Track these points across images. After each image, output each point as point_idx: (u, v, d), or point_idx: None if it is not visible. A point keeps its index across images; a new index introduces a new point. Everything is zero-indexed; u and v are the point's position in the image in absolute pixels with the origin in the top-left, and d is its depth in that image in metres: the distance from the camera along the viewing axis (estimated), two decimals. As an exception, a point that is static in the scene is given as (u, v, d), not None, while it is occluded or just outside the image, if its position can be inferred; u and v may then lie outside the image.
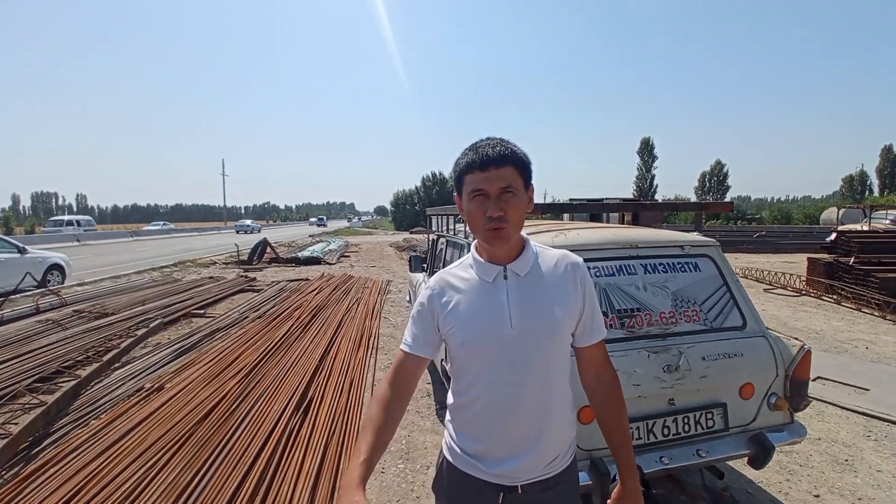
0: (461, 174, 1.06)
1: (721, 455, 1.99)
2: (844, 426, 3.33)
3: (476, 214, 1.03)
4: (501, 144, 1.04)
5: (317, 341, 5.03)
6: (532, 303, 1.07)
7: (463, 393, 1.12)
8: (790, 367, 2.14)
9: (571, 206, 3.21)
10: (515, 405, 1.06)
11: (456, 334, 1.08)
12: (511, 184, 1.01)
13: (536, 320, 1.06)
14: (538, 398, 1.07)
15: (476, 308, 1.08)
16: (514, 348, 1.05)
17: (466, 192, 1.04)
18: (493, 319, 1.06)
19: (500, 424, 1.07)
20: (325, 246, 19.86)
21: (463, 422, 1.13)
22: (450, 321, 1.08)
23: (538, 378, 1.07)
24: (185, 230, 44.19)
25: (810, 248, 14.03)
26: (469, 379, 1.10)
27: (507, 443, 1.08)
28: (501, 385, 1.06)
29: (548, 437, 1.09)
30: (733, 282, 2.34)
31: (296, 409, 3.36)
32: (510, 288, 1.08)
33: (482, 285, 1.09)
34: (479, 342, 1.06)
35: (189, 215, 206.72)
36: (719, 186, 54.98)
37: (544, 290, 1.08)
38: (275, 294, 8.15)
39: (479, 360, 1.08)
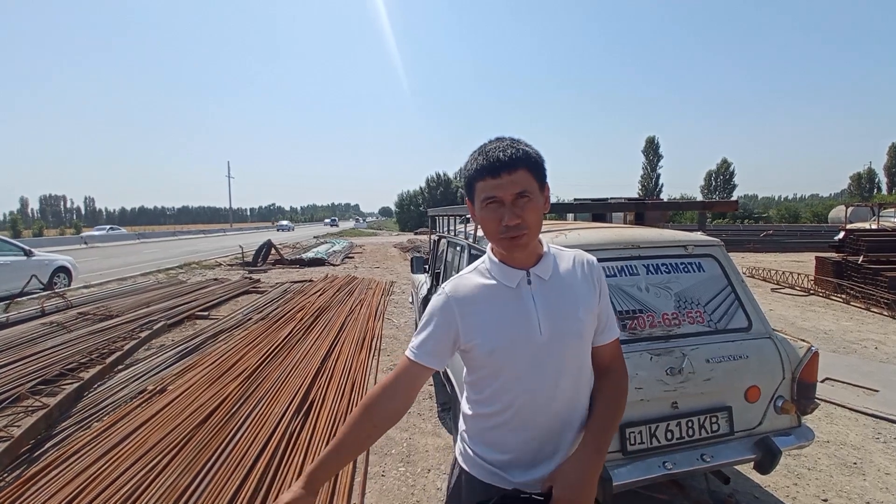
0: (471, 181, 1.01)
1: (726, 460, 1.95)
2: (853, 428, 3.26)
3: (491, 223, 0.98)
4: (512, 146, 0.98)
5: (319, 343, 5.01)
6: (558, 307, 1.04)
7: (488, 403, 1.07)
8: (797, 370, 2.10)
9: (572, 205, 3.16)
10: (547, 412, 1.04)
11: (483, 343, 1.03)
12: (526, 188, 0.96)
13: (564, 324, 1.03)
14: (568, 402, 1.06)
15: (504, 315, 1.03)
16: (545, 355, 1.02)
17: (479, 200, 0.99)
18: (523, 326, 1.02)
19: (530, 432, 1.05)
20: (330, 247, 19.88)
21: (486, 432, 1.09)
22: (475, 330, 1.03)
23: (569, 382, 1.05)
24: (192, 232, 44.52)
25: (818, 247, 13.87)
26: (496, 388, 1.05)
27: (536, 450, 1.05)
28: (533, 393, 1.03)
29: (576, 440, 1.07)
30: (738, 282, 2.29)
31: (296, 411, 3.34)
32: (536, 293, 1.04)
33: (506, 291, 1.04)
34: (510, 351, 1.02)
35: (195, 217, 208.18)
36: (725, 185, 54.56)
37: (567, 292, 1.06)
38: (278, 296, 8.16)
39: (509, 369, 1.03)
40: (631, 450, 1.88)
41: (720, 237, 2.28)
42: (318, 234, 37.68)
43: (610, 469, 1.82)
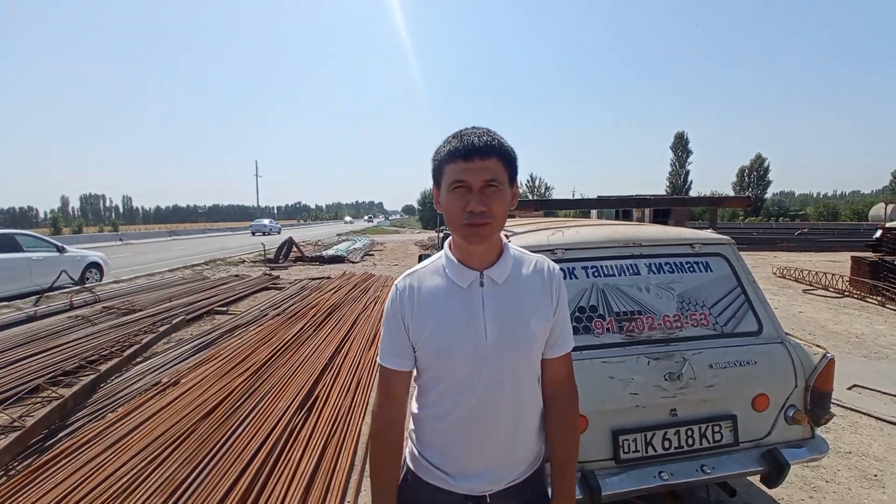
0: (441, 164, 0.97)
1: (728, 472, 1.83)
2: (878, 438, 3.05)
3: (455, 208, 0.94)
4: (488, 134, 0.96)
5: (329, 339, 5.04)
6: (508, 314, 1.00)
7: (431, 405, 1.05)
8: (811, 378, 1.95)
9: (567, 202, 3.06)
10: (488, 420, 1.01)
11: (427, 344, 1.00)
12: (496, 177, 0.93)
13: (512, 332, 1.00)
14: (511, 411, 1.03)
15: (448, 316, 1.00)
16: (488, 361, 0.99)
17: (446, 184, 0.95)
18: (467, 330, 0.99)
19: (472, 439, 1.02)
20: (350, 245, 20.10)
21: (431, 434, 1.07)
22: (420, 329, 1.00)
23: (512, 391, 1.02)
24: (221, 230, 45.89)
25: (856, 247, 13.15)
26: (439, 391, 1.03)
27: (478, 457, 1.03)
28: (474, 399, 1.00)
29: (520, 449, 1.06)
30: (749, 283, 2.16)
31: (300, 407, 3.36)
32: (486, 296, 1.00)
33: (456, 291, 1.01)
34: (453, 354, 0.99)
35: (226, 215, 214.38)
36: (759, 182, 52.31)
37: (521, 299, 1.02)
38: (295, 292, 8.27)
39: (451, 372, 1.01)
40: (624, 458, 1.79)
41: (751, 236, 2.14)
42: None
43: (600, 478, 1.73)
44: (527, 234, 2.30)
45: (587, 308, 1.95)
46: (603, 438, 1.78)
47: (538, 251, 2.02)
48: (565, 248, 2.07)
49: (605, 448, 1.79)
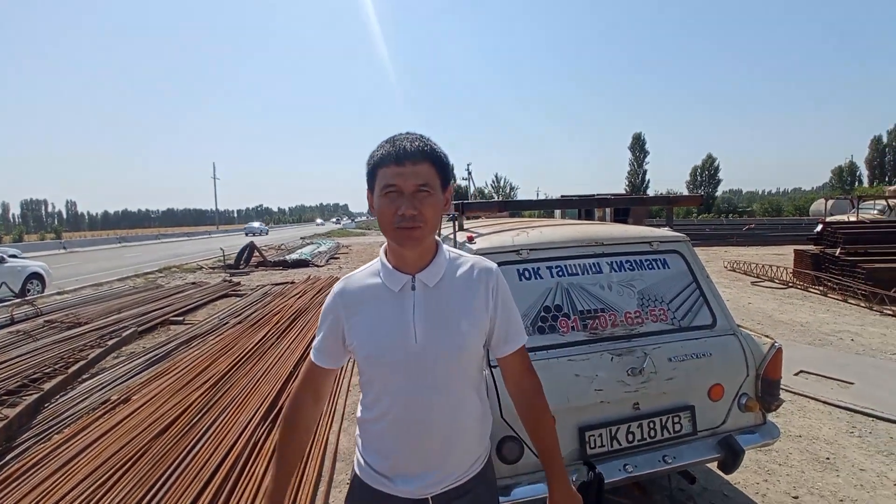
0: (374, 168, 0.98)
1: (688, 461, 1.89)
2: (827, 422, 3.25)
3: (387, 212, 0.96)
4: (420, 140, 0.98)
5: (293, 347, 4.90)
6: (438, 316, 1.02)
7: (370, 407, 1.08)
8: (761, 367, 2.06)
9: (531, 203, 3.10)
10: (422, 422, 1.03)
11: (360, 348, 1.03)
12: (428, 182, 0.96)
13: (442, 335, 1.01)
14: (446, 414, 1.04)
15: (380, 320, 1.02)
16: (419, 364, 1.01)
17: (379, 188, 0.97)
18: (397, 333, 1.01)
19: (408, 442, 1.04)
20: (315, 248, 19.69)
21: (371, 437, 1.09)
22: (354, 332, 1.03)
23: (445, 393, 1.04)
24: (176, 235, 43.81)
25: (799, 240, 14.06)
26: (375, 394, 1.06)
27: (415, 459, 1.05)
28: (407, 402, 1.02)
29: (457, 451, 1.08)
30: (703, 278, 2.25)
31: (263, 418, 3.24)
32: (417, 300, 1.02)
33: (388, 294, 1.03)
34: (383, 357, 1.01)
35: (181, 220, 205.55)
36: (710, 180, 55.13)
37: (453, 302, 1.04)
38: (257, 298, 8.01)
39: (384, 376, 1.03)
40: (591, 453, 1.82)
41: (703, 232, 2.24)
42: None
43: (568, 474, 1.75)
44: (491, 235, 2.30)
45: (552, 307, 1.98)
46: (570, 435, 1.81)
47: (503, 252, 2.06)
48: (530, 248, 2.09)
49: (572, 445, 1.81)
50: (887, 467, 2.67)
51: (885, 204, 14.31)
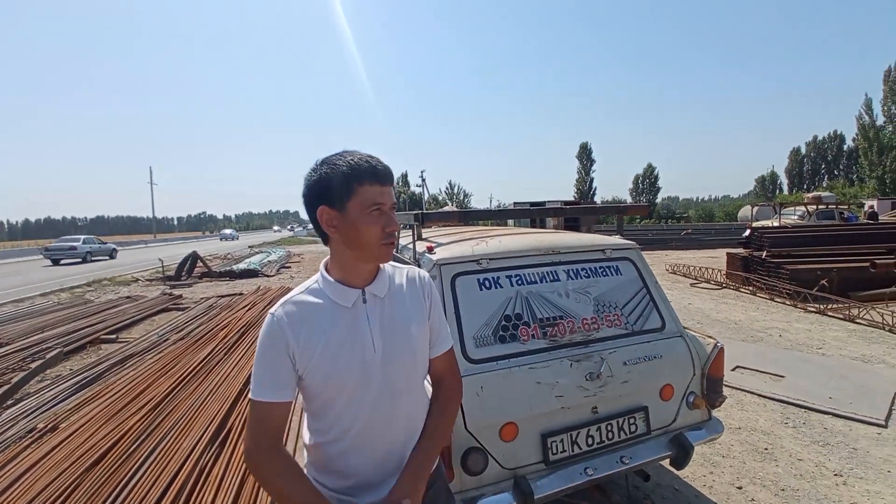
0: (351, 183, 0.97)
1: (644, 460, 1.97)
2: (763, 414, 3.50)
3: (375, 229, 0.99)
4: (383, 162, 1.03)
5: (243, 363, 4.65)
6: (391, 324, 1.06)
7: (326, 431, 1.05)
8: (706, 365, 2.18)
9: (490, 213, 3.15)
10: (387, 430, 1.05)
11: (317, 369, 1.00)
12: (394, 201, 1.04)
13: (398, 342, 1.06)
14: (405, 417, 1.08)
15: (337, 336, 1.01)
16: (381, 374, 1.03)
17: (362, 205, 0.97)
18: (357, 347, 1.02)
19: (373, 453, 1.05)
20: (265, 257, 18.92)
21: (331, 460, 1.06)
22: (309, 356, 0.99)
23: (406, 398, 1.07)
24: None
25: (730, 244, 15.18)
26: (335, 414, 1.03)
27: (380, 469, 1.06)
28: (372, 413, 1.03)
29: None
30: (653, 283, 2.36)
31: (210, 442, 3.04)
32: (370, 311, 1.05)
33: (340, 311, 1.03)
34: (346, 373, 1.01)
35: (112, 228, 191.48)
36: (651, 188, 58.57)
37: (401, 308, 1.09)
38: (202, 312, 7.56)
39: (346, 392, 1.02)
40: (553, 459, 1.85)
41: (646, 237, 2.37)
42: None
43: (532, 482, 1.77)
44: (451, 244, 2.30)
45: (513, 316, 2.00)
46: (533, 443, 1.83)
47: (464, 262, 2.06)
48: (490, 258, 2.11)
49: (535, 452, 1.83)
50: (824, 457, 2.89)
51: (804, 210, 15.76)
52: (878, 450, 2.93)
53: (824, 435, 3.14)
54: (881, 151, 35.56)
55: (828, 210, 15.80)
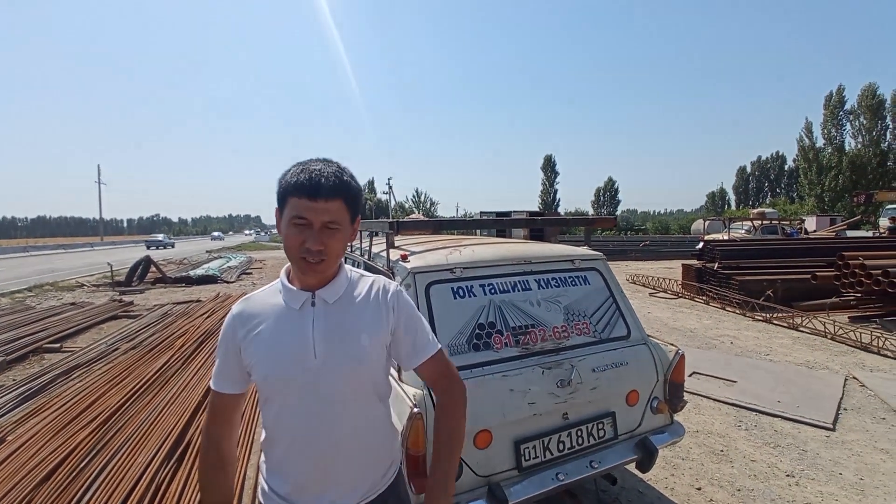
0: (286, 194, 0.98)
1: (612, 464, 2.03)
2: (717, 417, 3.68)
3: (294, 242, 0.97)
4: (336, 175, 0.97)
5: (202, 373, 4.46)
6: (338, 331, 1.03)
7: (270, 429, 1.06)
8: (668, 372, 2.28)
9: (464, 222, 3.20)
10: (325, 438, 1.02)
11: (258, 367, 1.01)
12: (336, 219, 0.97)
13: (341, 349, 1.02)
14: (349, 428, 1.05)
15: (279, 337, 1.01)
16: (319, 379, 1.01)
17: (288, 216, 0.97)
18: (297, 349, 1.00)
19: (311, 461, 1.03)
20: (224, 263, 18.23)
21: (273, 459, 1.07)
22: (251, 352, 1.02)
23: (347, 407, 1.04)
24: (49, 247, 37.95)
25: (685, 255, 15.93)
26: (274, 414, 1.03)
27: (320, 477, 1.03)
28: (308, 418, 1.01)
29: (364, 466, 1.08)
30: (619, 293, 2.45)
31: (168, 457, 2.89)
32: (317, 315, 1.03)
33: (288, 313, 1.03)
34: (282, 374, 1.01)
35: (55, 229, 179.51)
36: (611, 200, 60.84)
37: (352, 317, 1.06)
38: (155, 320, 7.19)
39: (283, 394, 1.02)
40: (526, 465, 1.88)
41: (607, 248, 2.46)
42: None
43: (505, 488, 1.79)
44: (425, 253, 2.32)
45: (486, 325, 2.03)
46: (507, 449, 1.86)
47: (438, 270, 2.07)
48: (463, 266, 2.13)
49: (508, 459, 1.86)
50: (776, 458, 3.06)
51: (751, 224, 16.76)
52: (828, 452, 3.13)
53: (775, 437, 3.34)
54: (820, 171, 38.44)
55: (771, 225, 16.89)
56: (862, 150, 37.22)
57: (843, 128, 38.55)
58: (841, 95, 38.50)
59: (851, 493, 2.66)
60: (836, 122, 38.61)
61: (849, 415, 3.68)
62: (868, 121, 37.13)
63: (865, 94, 37.35)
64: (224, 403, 1.06)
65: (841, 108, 38.58)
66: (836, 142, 38.46)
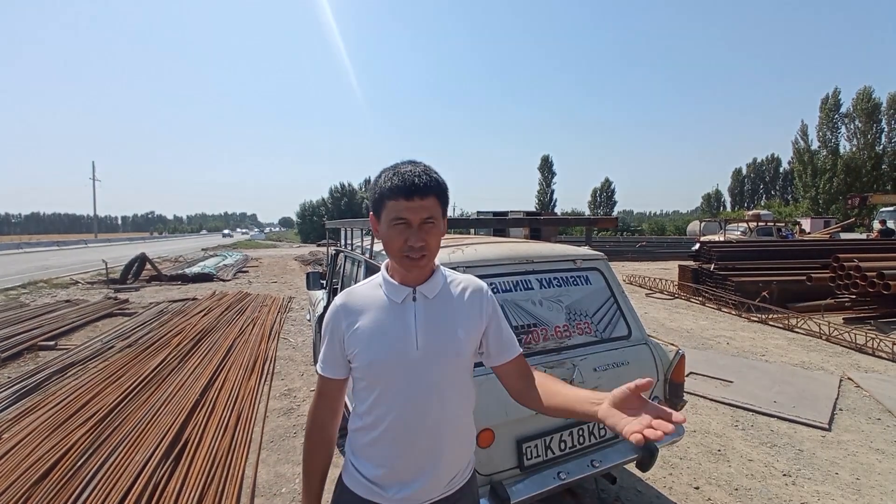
0: (382, 198, 1.03)
1: (613, 463, 2.03)
2: (715, 417, 3.70)
3: (396, 242, 1.03)
4: (426, 173, 1.03)
5: (199, 372, 4.44)
6: (437, 324, 1.09)
7: (365, 415, 1.11)
8: (669, 371, 2.29)
9: (469, 220, 3.20)
10: (419, 426, 1.07)
11: (361, 354, 1.07)
12: (433, 214, 1.03)
13: (441, 341, 1.09)
14: (441, 418, 1.09)
15: (383, 328, 1.07)
16: (419, 369, 1.07)
17: (387, 218, 1.03)
18: (400, 340, 1.06)
19: (404, 447, 1.08)
20: (220, 261, 18.15)
21: (364, 446, 1.11)
22: (355, 341, 1.08)
23: (441, 398, 1.09)
24: (43, 244, 37.62)
25: (681, 256, 15.99)
26: (372, 401, 1.08)
27: (409, 465, 1.08)
28: (406, 406, 1.07)
29: (449, 457, 1.12)
30: (619, 293, 2.46)
31: (165, 456, 2.88)
32: (418, 309, 1.09)
33: (390, 305, 1.09)
34: (385, 363, 1.06)
35: (49, 226, 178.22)
36: (608, 201, 60.99)
37: (450, 312, 1.12)
38: (152, 317, 7.15)
39: (384, 382, 1.07)
40: (528, 464, 1.88)
41: (604, 248, 2.47)
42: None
43: (507, 486, 1.79)
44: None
45: (489, 323, 2.02)
46: (509, 448, 1.86)
47: (441, 269, 2.07)
48: (466, 265, 2.13)
49: (510, 457, 1.86)
50: (773, 458, 3.08)
51: (746, 226, 16.85)
52: (824, 452, 3.15)
53: (771, 437, 3.36)
54: (815, 174, 38.68)
55: (767, 227, 16.98)
56: (857, 153, 37.49)
57: (839, 131, 38.84)
58: (836, 98, 38.76)
59: (848, 493, 2.67)
60: (831, 124, 38.87)
61: (844, 415, 3.71)
62: (863, 124, 37.40)
63: (861, 98, 37.64)
64: (330, 387, 1.13)
65: (836, 110, 38.86)
66: (831, 144, 38.73)
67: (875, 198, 21.83)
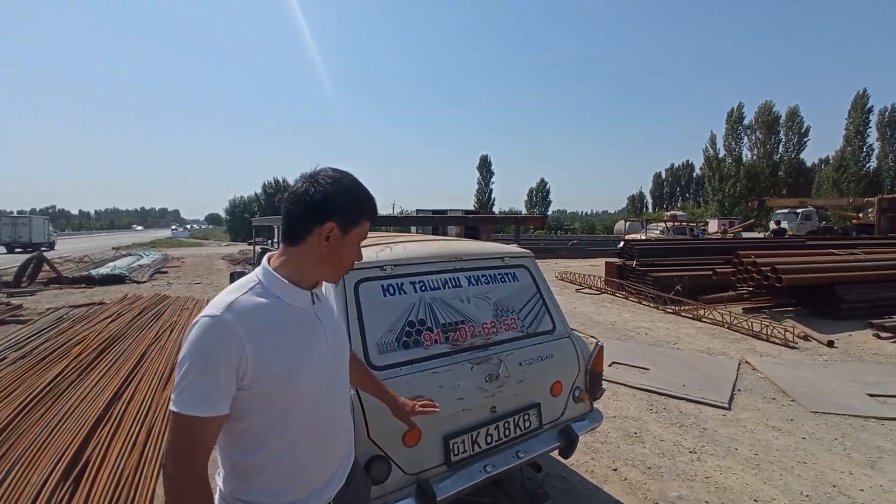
0: (361, 217, 1.04)
1: (537, 452, 2.11)
2: (633, 402, 3.97)
3: (352, 258, 1.08)
4: None
5: (104, 384, 4.03)
6: (333, 323, 1.14)
7: (278, 438, 0.99)
8: (589, 362, 2.42)
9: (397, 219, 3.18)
10: (335, 426, 1.12)
11: (279, 371, 0.96)
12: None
13: (340, 338, 1.16)
14: (346, 414, 1.18)
15: (300, 338, 1.03)
16: (332, 369, 1.10)
17: (358, 237, 1.06)
18: (315, 345, 1.06)
19: (323, 451, 1.08)
20: (134, 261, 16.63)
21: (271, 472, 1.00)
22: (270, 358, 0.95)
23: (344, 395, 1.16)
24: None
25: (608, 254, 17.01)
26: (288, 420, 0.99)
27: (326, 467, 1.09)
28: (325, 409, 1.08)
29: (349, 447, 1.21)
30: (545, 289, 2.55)
31: (63, 477, 2.58)
32: (319, 313, 1.10)
33: (294, 312, 1.04)
34: (304, 373, 1.01)
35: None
36: (543, 201, 63.55)
37: (333, 310, 1.18)
38: (49, 325, 6.39)
39: (306, 392, 1.02)
40: (455, 460, 1.89)
41: (538, 246, 2.57)
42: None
43: (434, 484, 1.80)
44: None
45: (416, 322, 2.01)
46: (436, 446, 1.86)
47: (368, 268, 2.03)
48: (394, 264, 2.11)
49: (437, 455, 1.86)
50: (681, 437, 3.36)
51: (664, 225, 18.28)
52: (725, 429, 3.49)
53: (680, 418, 3.67)
54: (722, 179, 42.88)
55: (681, 226, 18.56)
56: (757, 160, 42.06)
57: (742, 141, 43.34)
58: (741, 111, 43.24)
59: (747, 467, 2.98)
60: (735, 135, 43.29)
61: (742, 395, 4.13)
62: (763, 135, 42.02)
63: (762, 111, 42.27)
64: (215, 429, 0.91)
65: (740, 122, 43.34)
66: (735, 153, 43.14)
67: (772, 201, 24.58)
